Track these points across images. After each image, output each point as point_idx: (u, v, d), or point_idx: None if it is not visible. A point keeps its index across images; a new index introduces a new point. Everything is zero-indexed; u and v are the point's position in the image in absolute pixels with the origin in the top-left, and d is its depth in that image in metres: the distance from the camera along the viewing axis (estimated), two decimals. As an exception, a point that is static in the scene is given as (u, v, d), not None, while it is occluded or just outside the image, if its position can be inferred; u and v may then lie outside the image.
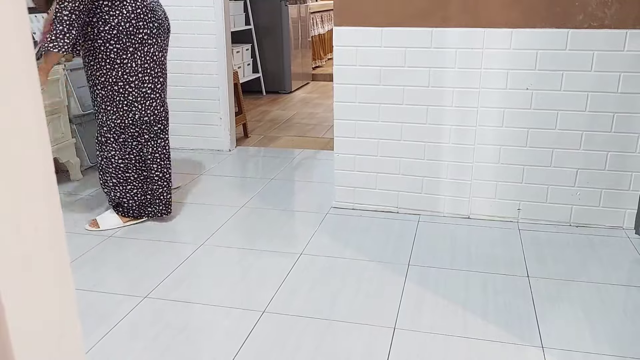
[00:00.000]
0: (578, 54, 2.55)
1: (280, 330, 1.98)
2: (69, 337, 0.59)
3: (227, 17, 3.92)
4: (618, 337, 1.92)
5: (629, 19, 2.48)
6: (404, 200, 2.94)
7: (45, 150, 0.53)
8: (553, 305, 2.12)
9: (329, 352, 1.86)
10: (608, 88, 2.57)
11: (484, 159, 2.79)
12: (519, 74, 2.64)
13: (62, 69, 3.40)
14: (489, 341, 1.91)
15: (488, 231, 2.75)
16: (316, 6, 7.68)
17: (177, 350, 1.88)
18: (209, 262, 2.49)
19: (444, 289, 2.23)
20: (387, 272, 2.37)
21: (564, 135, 2.67)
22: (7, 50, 0.48)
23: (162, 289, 2.25)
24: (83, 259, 2.51)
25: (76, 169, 3.52)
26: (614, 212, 2.72)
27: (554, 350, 1.86)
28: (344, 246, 2.61)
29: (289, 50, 6.30)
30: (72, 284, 0.59)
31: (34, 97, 0.51)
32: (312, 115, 5.36)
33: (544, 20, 2.55)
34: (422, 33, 2.69)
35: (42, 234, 0.54)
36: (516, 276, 2.32)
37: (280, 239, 2.70)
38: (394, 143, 2.87)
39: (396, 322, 2.01)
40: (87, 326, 1.99)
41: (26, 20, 0.51)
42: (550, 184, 2.75)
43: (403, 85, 2.77)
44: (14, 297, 0.50)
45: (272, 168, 3.74)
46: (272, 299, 2.18)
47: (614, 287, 2.24)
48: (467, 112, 2.74)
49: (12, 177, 0.49)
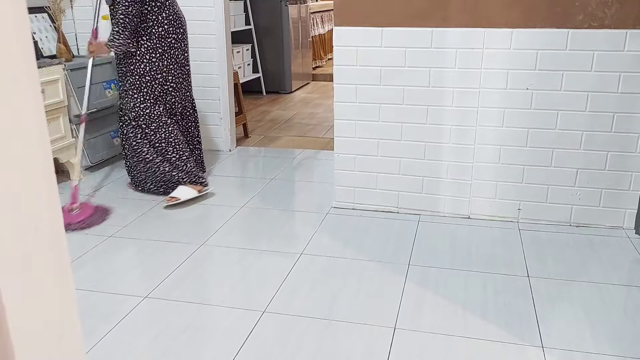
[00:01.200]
0: (578, 54, 2.55)
1: (281, 330, 1.98)
2: (69, 337, 0.59)
3: (227, 17, 3.92)
4: (618, 337, 1.92)
5: (629, 19, 2.48)
6: (404, 200, 2.94)
7: (45, 150, 0.53)
8: (553, 305, 2.12)
9: (329, 352, 1.86)
10: (608, 88, 2.56)
11: (484, 159, 2.79)
12: (519, 74, 2.63)
13: (62, 69, 3.40)
14: (489, 341, 1.91)
15: (488, 231, 2.75)
16: (316, 6, 7.68)
17: (177, 351, 1.88)
18: (209, 262, 2.49)
19: (444, 289, 2.23)
20: (387, 272, 2.37)
21: (564, 135, 2.66)
22: (7, 50, 0.48)
23: (163, 289, 2.25)
24: (83, 259, 2.51)
25: (76, 168, 3.51)
26: (614, 212, 2.72)
27: (554, 350, 1.86)
28: (344, 246, 2.61)
29: (289, 50, 6.30)
30: (72, 284, 0.59)
31: (34, 97, 0.52)
32: (312, 115, 5.36)
33: (544, 20, 2.55)
34: (422, 33, 2.69)
35: (42, 234, 0.54)
36: (516, 276, 2.32)
37: (280, 239, 2.70)
38: (394, 143, 2.87)
39: (396, 322, 2.01)
40: (87, 326, 1.99)
41: (26, 20, 0.51)
42: (551, 184, 2.75)
43: (403, 86, 2.77)
44: (14, 297, 0.50)
45: (272, 168, 3.74)
46: (272, 299, 2.18)
47: (614, 287, 2.24)
48: (467, 112, 2.74)
49: (12, 177, 0.49)
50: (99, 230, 2.79)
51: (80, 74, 3.58)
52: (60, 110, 3.36)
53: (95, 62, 3.74)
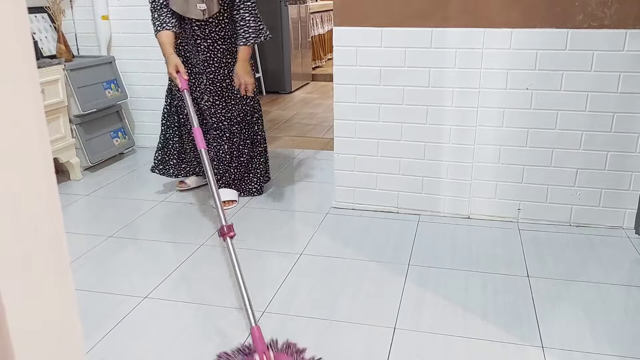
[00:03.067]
0: (578, 54, 2.55)
1: (281, 330, 1.98)
2: (70, 337, 0.59)
3: (227, 17, 3.91)
4: (618, 337, 1.92)
5: (629, 19, 2.48)
6: (404, 200, 2.94)
7: (45, 150, 0.53)
8: (553, 305, 2.12)
9: (330, 352, 1.86)
10: (608, 88, 2.57)
11: (484, 159, 2.79)
12: (519, 74, 2.63)
13: (62, 69, 3.40)
14: (489, 341, 1.91)
15: (488, 231, 2.75)
16: (316, 6, 7.68)
17: (177, 351, 1.88)
18: (209, 262, 2.49)
19: (444, 289, 2.23)
20: (387, 272, 2.37)
21: (564, 135, 2.67)
22: (7, 50, 0.48)
23: (163, 289, 2.25)
24: (83, 259, 2.51)
25: (76, 169, 3.52)
26: (614, 212, 2.72)
27: (554, 350, 1.86)
28: (344, 246, 2.61)
29: (289, 50, 6.30)
30: (72, 284, 0.59)
31: (34, 97, 0.52)
32: (312, 115, 5.36)
33: (544, 20, 2.55)
34: (422, 33, 2.69)
35: (42, 234, 0.54)
36: (516, 276, 2.32)
37: (280, 239, 2.70)
38: (394, 143, 2.87)
39: (396, 322, 2.01)
40: (87, 326, 1.99)
41: (26, 20, 0.51)
42: (550, 184, 2.75)
43: (403, 86, 2.77)
44: (14, 297, 0.50)
45: (272, 168, 3.74)
46: (272, 299, 2.18)
47: (614, 287, 2.24)
48: (467, 112, 2.74)
49: (12, 177, 0.49)
50: (99, 230, 2.79)
51: (80, 74, 3.58)
52: (60, 110, 3.36)
53: (95, 62, 3.75)
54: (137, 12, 3.90)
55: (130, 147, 4.07)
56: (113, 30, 3.98)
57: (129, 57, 4.02)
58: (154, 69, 3.99)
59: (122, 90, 3.95)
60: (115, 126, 3.92)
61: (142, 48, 3.97)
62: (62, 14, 3.69)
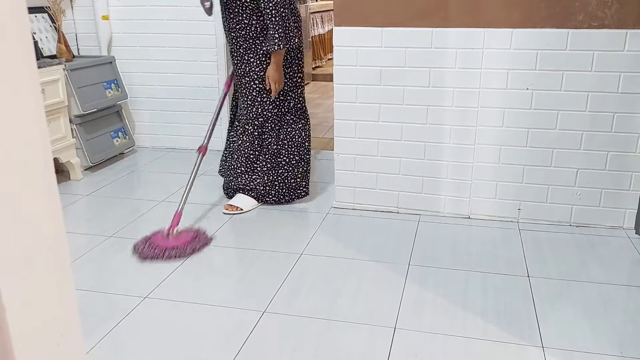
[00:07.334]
0: (578, 54, 2.55)
1: (281, 330, 1.98)
2: (69, 337, 0.59)
3: (228, 17, 3.91)
4: (618, 337, 1.92)
5: (629, 19, 2.48)
6: (404, 200, 2.94)
7: (45, 150, 0.53)
8: (553, 305, 2.12)
9: (330, 352, 1.86)
10: (608, 88, 2.57)
11: (484, 159, 2.79)
12: (519, 74, 2.63)
13: (62, 69, 3.40)
14: (489, 341, 1.91)
15: (488, 231, 2.75)
16: (316, 6, 7.68)
17: (177, 351, 1.88)
18: (209, 262, 2.49)
19: (444, 289, 2.23)
20: (387, 272, 2.37)
21: (564, 135, 2.67)
22: (7, 50, 0.48)
23: (163, 289, 2.25)
24: (83, 259, 2.51)
25: (76, 169, 3.52)
26: (614, 212, 2.72)
27: (554, 350, 1.86)
28: (344, 246, 2.61)
29: (289, 50, 6.28)
30: (72, 284, 0.59)
31: (34, 97, 0.52)
32: (312, 115, 5.35)
33: (544, 20, 2.55)
34: (422, 33, 2.69)
35: (42, 234, 0.54)
36: (516, 276, 2.32)
37: (280, 239, 2.70)
38: (394, 143, 2.87)
39: (396, 322, 2.01)
40: (87, 326, 1.99)
41: (26, 20, 0.51)
42: (551, 184, 2.75)
43: (403, 86, 2.77)
44: (14, 296, 0.50)
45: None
46: (272, 299, 2.18)
47: (614, 287, 2.24)
48: (467, 112, 2.74)
49: (12, 177, 0.49)
50: (99, 230, 2.79)
51: (80, 74, 3.58)
52: (60, 110, 3.36)
53: (95, 62, 3.76)
54: (138, 12, 3.90)
55: (130, 147, 4.07)
56: (113, 30, 3.99)
57: (129, 57, 4.02)
58: (154, 69, 3.99)
59: (123, 90, 3.95)
60: (116, 126, 3.92)
61: (142, 48, 3.97)
62: (63, 14, 3.69)
